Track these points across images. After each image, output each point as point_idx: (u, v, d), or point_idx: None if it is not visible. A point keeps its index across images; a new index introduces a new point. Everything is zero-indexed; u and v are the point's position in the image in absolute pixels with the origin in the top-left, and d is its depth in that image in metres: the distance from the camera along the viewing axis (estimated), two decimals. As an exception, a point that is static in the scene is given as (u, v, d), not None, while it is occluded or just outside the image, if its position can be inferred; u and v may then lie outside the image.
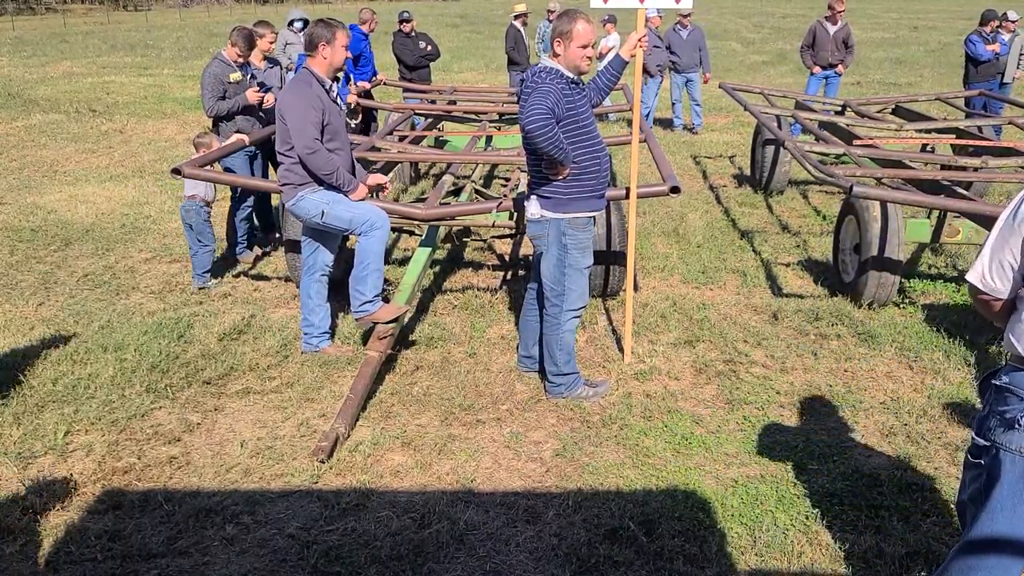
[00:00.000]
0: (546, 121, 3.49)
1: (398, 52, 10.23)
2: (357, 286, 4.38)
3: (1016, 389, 1.95)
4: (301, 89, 4.22)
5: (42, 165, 9.63)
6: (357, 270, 4.37)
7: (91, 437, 3.77)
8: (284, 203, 4.44)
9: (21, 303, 5.43)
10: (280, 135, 4.29)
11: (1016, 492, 1.97)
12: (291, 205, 4.35)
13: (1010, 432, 1.96)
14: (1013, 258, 2.00)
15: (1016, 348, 1.97)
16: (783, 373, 4.41)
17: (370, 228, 4.37)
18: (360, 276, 4.36)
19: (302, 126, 4.14)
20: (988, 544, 2.00)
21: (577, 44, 3.67)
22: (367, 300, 4.37)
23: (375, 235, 4.37)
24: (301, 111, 4.15)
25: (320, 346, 4.59)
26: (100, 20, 44.51)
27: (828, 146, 6.16)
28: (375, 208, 4.46)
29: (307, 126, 4.14)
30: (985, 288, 2.06)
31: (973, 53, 10.16)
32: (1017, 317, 1.99)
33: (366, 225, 4.36)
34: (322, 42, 4.24)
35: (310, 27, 4.33)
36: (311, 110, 4.15)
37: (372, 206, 4.47)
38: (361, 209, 4.38)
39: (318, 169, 4.20)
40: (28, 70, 19.06)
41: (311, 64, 4.28)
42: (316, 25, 4.29)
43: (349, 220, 4.36)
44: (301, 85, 4.24)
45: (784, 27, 31.13)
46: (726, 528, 3.11)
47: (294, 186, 4.30)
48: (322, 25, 4.28)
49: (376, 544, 3.03)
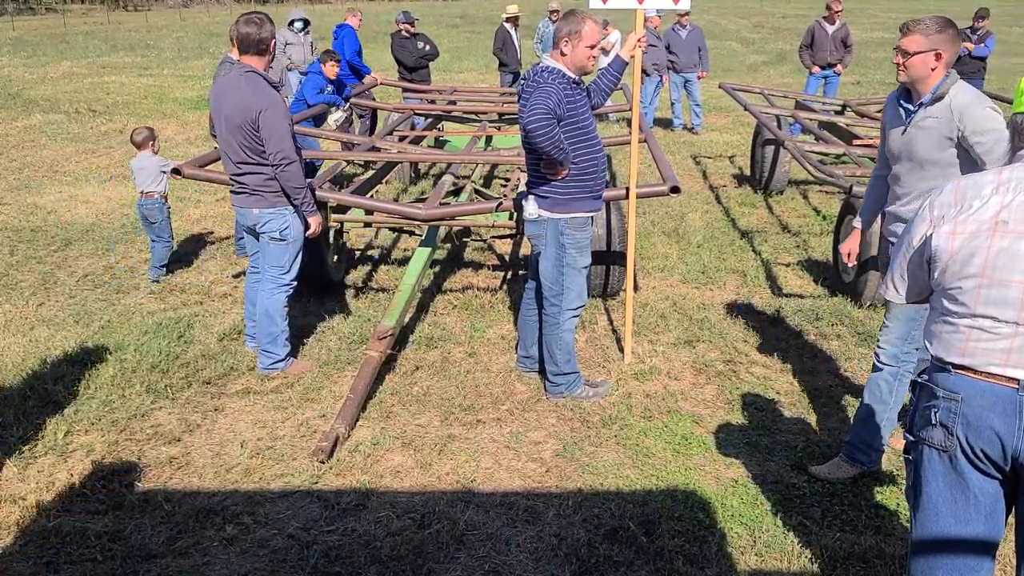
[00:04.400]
0: (548, 121, 3.49)
1: (397, 53, 10.22)
2: (269, 347, 4.31)
3: (933, 387, 2.04)
4: (273, 94, 4.01)
5: (42, 165, 9.63)
6: (268, 328, 4.28)
7: (91, 437, 3.77)
8: (257, 218, 4.20)
9: (21, 303, 5.43)
10: (244, 143, 4.01)
11: (951, 486, 2.02)
12: (269, 221, 4.18)
13: (929, 428, 2.04)
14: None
15: (929, 348, 2.08)
16: (783, 373, 4.41)
17: (291, 280, 4.33)
18: (273, 335, 4.30)
19: (284, 134, 3.97)
20: (941, 544, 2.06)
21: (585, 44, 3.67)
22: (280, 359, 4.36)
23: (289, 290, 4.35)
24: (283, 118, 3.98)
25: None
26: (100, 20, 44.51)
27: (828, 146, 6.17)
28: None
29: (288, 135, 3.99)
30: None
31: None
32: (930, 319, 2.09)
33: (291, 275, 4.31)
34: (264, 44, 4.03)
35: (254, 28, 4.02)
36: (289, 118, 4.03)
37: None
38: (298, 254, 4.31)
39: (289, 181, 4.03)
40: (28, 70, 19.05)
41: (257, 66, 4.05)
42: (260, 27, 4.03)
43: (288, 259, 4.28)
44: (270, 88, 4.02)
45: (784, 27, 31.13)
46: (726, 528, 3.11)
47: (268, 199, 4.14)
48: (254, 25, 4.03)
49: (376, 544, 3.03)
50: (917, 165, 3.11)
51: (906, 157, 3.14)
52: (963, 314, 1.95)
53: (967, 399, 1.96)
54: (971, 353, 1.96)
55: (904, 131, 3.13)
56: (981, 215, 1.91)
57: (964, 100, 2.96)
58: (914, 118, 3.09)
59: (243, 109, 3.96)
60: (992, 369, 1.93)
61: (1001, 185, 1.92)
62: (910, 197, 3.17)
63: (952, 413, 1.98)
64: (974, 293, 1.92)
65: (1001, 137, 2.87)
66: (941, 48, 2.95)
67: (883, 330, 3.29)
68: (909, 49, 2.98)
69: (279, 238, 4.21)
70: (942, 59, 2.97)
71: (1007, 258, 1.87)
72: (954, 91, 2.99)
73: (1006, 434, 1.92)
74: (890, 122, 3.25)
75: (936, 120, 3.01)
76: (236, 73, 4.07)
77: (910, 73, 3.02)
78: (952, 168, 3.04)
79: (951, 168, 3.04)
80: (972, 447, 1.96)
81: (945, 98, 2.99)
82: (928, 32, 2.96)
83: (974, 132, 2.93)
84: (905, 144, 3.13)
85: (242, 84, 4.00)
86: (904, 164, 3.17)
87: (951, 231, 1.95)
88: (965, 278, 1.93)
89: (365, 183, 6.02)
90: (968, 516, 2.01)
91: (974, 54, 10.17)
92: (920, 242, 2.05)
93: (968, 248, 1.92)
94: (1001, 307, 1.89)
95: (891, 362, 3.25)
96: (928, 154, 3.06)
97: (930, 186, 2.97)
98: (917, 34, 2.97)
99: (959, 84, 3.01)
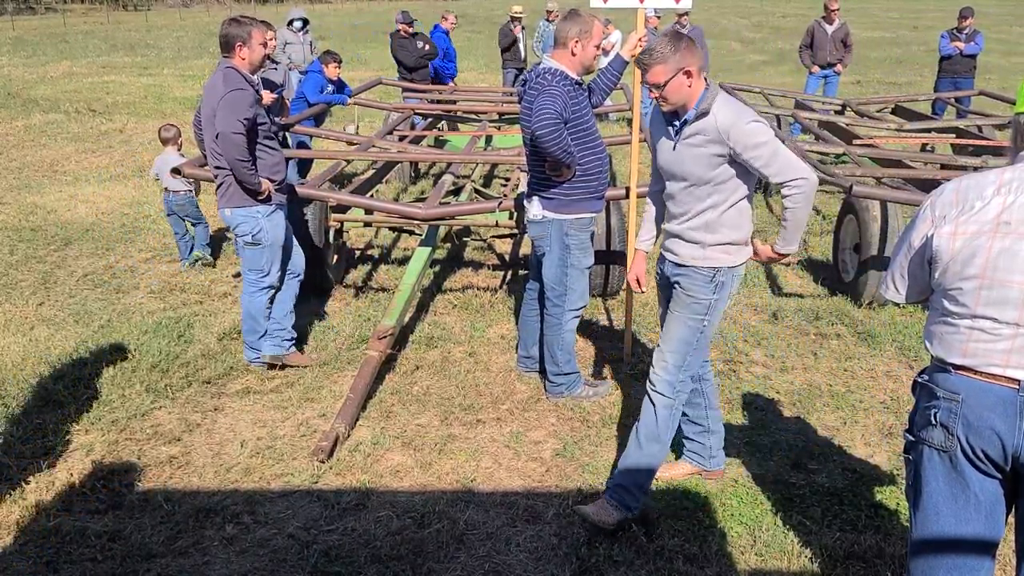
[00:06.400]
0: (557, 125, 3.49)
1: (397, 53, 10.23)
2: (253, 343, 4.41)
3: (933, 387, 2.04)
4: (243, 84, 4.03)
5: (42, 165, 9.63)
6: (253, 327, 4.37)
7: (91, 437, 3.77)
8: (230, 219, 4.23)
9: (21, 303, 5.43)
10: (214, 136, 4.03)
11: (951, 485, 2.02)
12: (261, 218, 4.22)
13: (929, 428, 2.04)
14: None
15: (929, 349, 2.08)
16: (783, 373, 4.40)
17: (272, 282, 4.36)
18: (257, 333, 4.38)
19: (231, 114, 3.92)
20: (942, 543, 2.06)
21: (594, 43, 3.68)
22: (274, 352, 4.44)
23: (271, 291, 4.39)
24: (239, 103, 3.94)
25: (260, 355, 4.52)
26: (100, 20, 44.49)
27: (828, 146, 6.16)
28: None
29: (236, 120, 3.94)
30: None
31: (940, 49, 10.49)
32: (931, 320, 2.08)
33: (271, 278, 4.34)
34: (238, 42, 4.04)
35: (225, 26, 4.08)
36: (251, 107, 4.01)
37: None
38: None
39: (228, 152, 3.94)
40: (28, 70, 19.05)
41: (238, 64, 4.08)
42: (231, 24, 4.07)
43: (267, 262, 4.29)
44: (241, 79, 4.05)
45: (784, 27, 31.12)
46: (726, 528, 3.11)
47: (235, 197, 4.16)
48: (236, 24, 4.07)
49: (376, 544, 3.03)
50: (692, 184, 2.91)
51: (680, 176, 2.94)
52: (964, 315, 1.95)
53: (967, 399, 1.96)
54: (971, 354, 1.95)
55: (674, 148, 2.93)
56: (983, 216, 1.91)
57: (728, 118, 2.77)
58: (682, 135, 2.89)
59: (213, 101, 4.00)
60: (992, 370, 1.93)
61: (1003, 186, 1.91)
62: (687, 217, 2.96)
63: (952, 413, 1.98)
64: (975, 294, 1.92)
65: (775, 148, 2.75)
66: (686, 64, 2.78)
67: (657, 353, 3.08)
68: (659, 81, 2.81)
69: (253, 242, 4.20)
70: (693, 74, 2.80)
71: (1008, 259, 1.87)
72: (716, 107, 2.80)
73: (1006, 434, 1.92)
74: (656, 135, 3.04)
75: (704, 138, 2.82)
76: (216, 70, 4.14)
77: (672, 101, 2.85)
78: (729, 185, 2.87)
79: (728, 185, 2.87)
80: (972, 447, 1.96)
81: (709, 114, 2.80)
82: (665, 58, 2.79)
83: (746, 148, 2.76)
84: (677, 162, 2.93)
85: (218, 79, 4.04)
86: (678, 183, 2.96)
87: (952, 232, 1.95)
88: (966, 279, 1.92)
89: (365, 183, 6.02)
90: (968, 516, 2.01)
91: (965, 52, 10.19)
92: (921, 242, 2.05)
93: (969, 249, 1.91)
94: (1002, 308, 1.89)
95: (666, 391, 3.04)
96: (701, 173, 2.87)
97: (707, 205, 2.89)
98: (656, 65, 2.80)
99: (720, 98, 2.82)
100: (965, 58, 10.26)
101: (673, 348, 3.03)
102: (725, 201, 2.89)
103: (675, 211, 3.02)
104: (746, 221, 2.96)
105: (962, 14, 10.23)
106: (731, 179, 2.87)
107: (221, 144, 3.95)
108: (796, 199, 2.78)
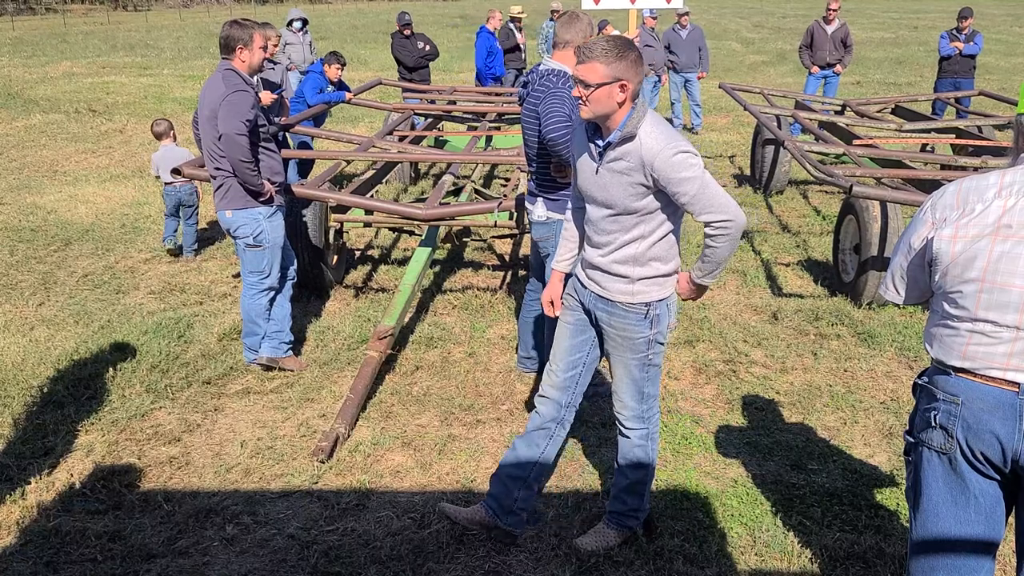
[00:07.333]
0: (567, 128, 3.49)
1: (397, 53, 10.25)
2: (251, 344, 4.43)
3: (933, 389, 2.04)
4: (242, 85, 4.04)
5: (42, 165, 9.63)
6: (252, 330, 4.39)
7: (91, 437, 3.77)
8: (230, 222, 4.24)
9: (21, 303, 5.43)
10: (215, 136, 4.03)
11: (951, 487, 2.02)
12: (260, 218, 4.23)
13: (929, 430, 2.04)
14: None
15: (929, 351, 2.08)
16: (783, 373, 4.41)
17: (272, 284, 4.36)
18: (257, 335, 4.40)
19: (233, 115, 3.94)
20: (941, 544, 2.06)
21: None
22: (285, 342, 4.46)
23: (271, 292, 4.38)
24: (241, 104, 3.97)
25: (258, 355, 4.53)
26: (100, 20, 44.52)
27: (828, 146, 6.16)
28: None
29: (240, 121, 3.97)
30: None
31: (939, 49, 10.51)
32: (931, 322, 2.08)
33: (271, 279, 4.34)
34: (239, 44, 4.05)
35: (226, 28, 4.09)
36: (252, 109, 4.03)
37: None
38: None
39: (232, 153, 3.97)
40: (28, 70, 19.06)
41: (237, 66, 4.09)
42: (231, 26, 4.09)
43: (268, 264, 4.30)
44: (241, 81, 4.06)
45: (784, 27, 31.13)
46: (726, 528, 3.11)
47: (237, 199, 4.17)
48: (237, 27, 4.08)
49: (376, 544, 3.03)
50: (617, 213, 2.61)
51: (602, 202, 2.64)
52: (964, 318, 1.95)
53: (967, 402, 1.96)
54: (972, 356, 1.95)
55: (596, 171, 2.64)
56: (983, 219, 1.90)
57: (653, 147, 2.47)
58: (605, 158, 2.60)
59: (213, 102, 4.00)
60: (992, 373, 1.93)
61: (1004, 188, 1.90)
62: (611, 248, 2.67)
63: (952, 416, 1.98)
64: (975, 297, 1.91)
65: (704, 183, 2.48)
66: (626, 77, 2.47)
67: (614, 397, 2.91)
68: (590, 80, 2.48)
69: (254, 244, 4.20)
70: (628, 90, 2.49)
71: (1009, 262, 1.86)
72: (643, 132, 2.51)
73: (1006, 437, 1.92)
74: (579, 150, 2.73)
75: (628, 165, 2.53)
76: (216, 71, 4.14)
77: (594, 108, 2.52)
78: (656, 216, 2.59)
79: (655, 216, 2.59)
80: (972, 449, 1.96)
81: (635, 139, 2.51)
82: (609, 59, 2.47)
83: (669, 182, 2.48)
84: (599, 188, 2.63)
85: (218, 80, 4.05)
86: (601, 209, 2.66)
87: (952, 235, 1.94)
88: (966, 282, 1.92)
89: (365, 183, 6.02)
90: (968, 517, 2.01)
91: (964, 53, 10.20)
92: (921, 244, 2.04)
93: (970, 252, 1.91)
94: (1002, 311, 1.89)
95: (637, 425, 2.90)
96: (627, 202, 2.57)
97: (634, 236, 2.62)
98: (596, 62, 2.47)
99: (648, 121, 2.53)
100: (965, 58, 10.27)
101: (626, 390, 2.86)
102: (652, 233, 2.62)
103: (597, 240, 2.72)
104: (675, 253, 2.71)
105: (962, 15, 10.24)
106: (658, 210, 2.59)
107: (224, 145, 3.96)
108: (719, 240, 2.55)
